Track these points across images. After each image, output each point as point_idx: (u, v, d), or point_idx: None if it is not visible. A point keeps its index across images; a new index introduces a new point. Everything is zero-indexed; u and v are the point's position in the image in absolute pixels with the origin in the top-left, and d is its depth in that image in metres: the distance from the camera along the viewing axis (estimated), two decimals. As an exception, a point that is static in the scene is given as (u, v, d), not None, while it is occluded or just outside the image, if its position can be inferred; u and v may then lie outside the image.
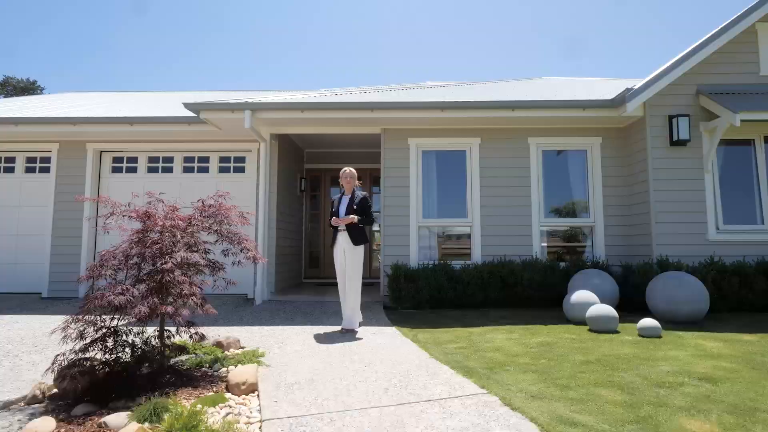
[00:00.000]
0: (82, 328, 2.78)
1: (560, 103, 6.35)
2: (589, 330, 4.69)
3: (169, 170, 7.91)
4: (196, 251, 3.34)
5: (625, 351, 3.80)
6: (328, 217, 4.90)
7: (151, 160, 7.95)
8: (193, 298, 3.08)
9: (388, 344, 4.21)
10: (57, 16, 60.09)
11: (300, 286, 8.74)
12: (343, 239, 4.79)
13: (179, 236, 3.25)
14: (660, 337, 4.31)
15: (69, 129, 7.23)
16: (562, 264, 6.46)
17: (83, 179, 7.69)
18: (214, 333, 4.62)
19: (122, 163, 7.96)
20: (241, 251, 3.52)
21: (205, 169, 7.90)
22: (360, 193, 4.89)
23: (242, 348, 4.09)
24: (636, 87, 6.05)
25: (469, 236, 6.87)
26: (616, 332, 4.56)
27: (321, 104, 6.46)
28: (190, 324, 3.28)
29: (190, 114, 6.88)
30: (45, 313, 6.04)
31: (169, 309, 2.85)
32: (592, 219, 6.83)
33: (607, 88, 7.90)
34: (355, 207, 4.79)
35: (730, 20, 6.26)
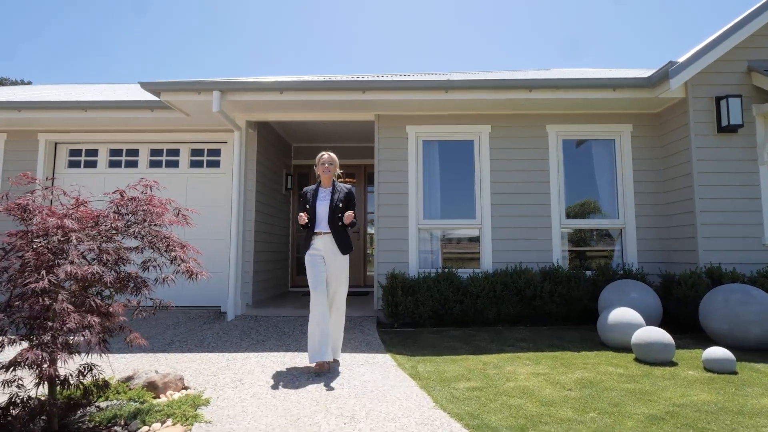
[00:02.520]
0: None
1: (587, 83, 5.35)
2: (636, 360, 3.68)
3: (134, 164, 6.90)
4: (105, 263, 2.35)
5: (702, 397, 2.80)
6: (299, 214, 3.79)
7: (114, 152, 6.94)
8: (88, 332, 2.08)
9: (379, 383, 3.20)
10: (56, 16, 59.34)
11: (284, 296, 7.72)
12: (324, 245, 3.74)
13: (75, 241, 2.26)
14: (735, 372, 3.30)
15: (14, 116, 6.23)
16: (589, 273, 5.47)
17: (34, 174, 6.70)
18: (157, 365, 3.61)
19: (80, 156, 6.94)
20: (171, 262, 2.52)
21: (175, 163, 6.88)
22: (344, 186, 3.87)
23: (185, 389, 3.08)
24: (680, 61, 5.06)
25: (477, 240, 5.87)
26: (673, 364, 3.55)
27: (304, 83, 5.47)
28: (88, 369, 2.28)
29: (153, 98, 5.89)
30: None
31: (31, 355, 1.84)
32: (622, 220, 5.83)
33: (625, 75, 6.91)
34: (340, 204, 3.77)
35: (787, -16, 5.28)
